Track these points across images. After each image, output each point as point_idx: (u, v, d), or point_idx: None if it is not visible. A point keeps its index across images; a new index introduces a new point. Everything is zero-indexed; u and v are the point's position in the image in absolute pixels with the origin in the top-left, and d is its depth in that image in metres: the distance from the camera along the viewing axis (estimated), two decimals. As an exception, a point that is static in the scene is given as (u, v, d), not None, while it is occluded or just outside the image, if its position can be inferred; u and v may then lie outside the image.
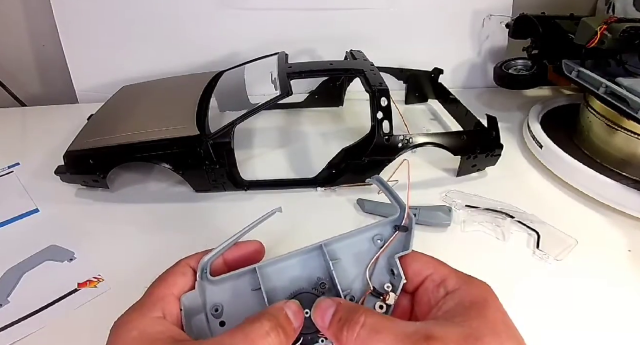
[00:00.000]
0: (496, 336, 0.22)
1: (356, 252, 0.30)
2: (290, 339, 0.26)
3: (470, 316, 0.23)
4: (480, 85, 0.82)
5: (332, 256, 0.30)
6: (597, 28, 0.52)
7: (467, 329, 0.23)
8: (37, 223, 0.49)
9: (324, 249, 0.30)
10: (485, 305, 0.24)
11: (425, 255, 0.29)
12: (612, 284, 0.41)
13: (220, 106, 0.66)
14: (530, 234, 0.46)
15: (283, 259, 0.30)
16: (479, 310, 0.24)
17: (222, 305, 0.29)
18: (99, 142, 0.51)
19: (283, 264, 0.30)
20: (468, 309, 0.24)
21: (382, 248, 0.30)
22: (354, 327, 0.24)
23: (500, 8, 0.75)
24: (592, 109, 0.56)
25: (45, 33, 0.74)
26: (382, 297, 0.28)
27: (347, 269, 0.30)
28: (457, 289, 0.26)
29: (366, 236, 0.31)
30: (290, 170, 0.58)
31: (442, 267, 0.28)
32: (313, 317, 0.27)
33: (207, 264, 0.30)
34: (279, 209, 0.33)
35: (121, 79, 0.70)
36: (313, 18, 0.74)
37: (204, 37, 0.74)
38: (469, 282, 0.26)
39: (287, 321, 0.26)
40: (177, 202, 0.52)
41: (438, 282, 0.27)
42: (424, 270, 0.28)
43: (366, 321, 0.24)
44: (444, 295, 0.26)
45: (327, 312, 0.26)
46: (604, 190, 0.49)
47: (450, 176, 0.56)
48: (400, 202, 0.31)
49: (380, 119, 0.50)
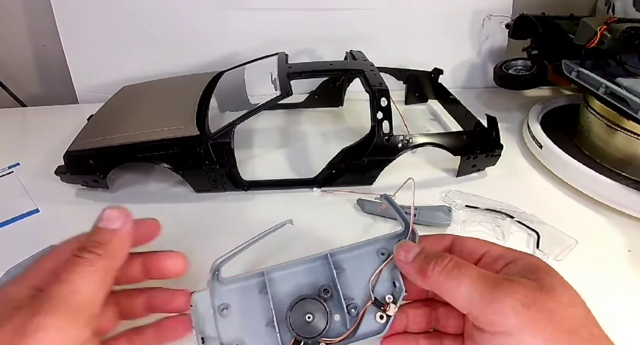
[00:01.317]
0: (567, 289, 0.25)
1: (360, 264, 0.32)
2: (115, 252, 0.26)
3: (539, 274, 0.25)
4: (480, 85, 0.82)
5: (337, 266, 0.32)
6: (597, 28, 0.52)
7: (540, 282, 0.25)
8: (37, 223, 0.49)
9: (330, 259, 0.31)
10: (547, 268, 0.26)
11: (474, 237, 0.31)
12: (612, 284, 0.41)
13: (220, 106, 0.66)
14: (530, 234, 0.46)
15: (290, 266, 0.32)
16: (545, 271, 0.26)
17: (230, 305, 0.31)
18: (99, 143, 0.51)
19: (290, 271, 0.32)
20: (535, 270, 0.26)
21: (386, 261, 0.31)
22: (443, 260, 0.26)
23: (500, 8, 0.75)
24: (592, 109, 0.56)
25: (45, 33, 0.74)
26: (383, 307, 0.29)
27: (351, 280, 0.31)
28: (517, 258, 0.27)
29: (371, 249, 0.32)
30: (290, 170, 0.58)
31: (496, 245, 0.29)
32: (395, 253, 0.29)
33: (220, 265, 0.31)
34: (290, 221, 0.35)
35: (121, 79, 0.70)
36: (313, 18, 0.74)
37: (204, 37, 0.74)
38: (526, 254, 0.28)
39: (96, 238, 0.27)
40: (177, 202, 0.52)
41: (495, 257, 0.28)
42: (479, 248, 0.29)
43: (453, 258, 0.27)
44: (503, 265, 0.27)
45: (413, 249, 0.29)
46: (604, 190, 0.49)
47: (450, 176, 0.56)
48: (405, 219, 0.32)
49: (380, 119, 0.50)
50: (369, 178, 0.53)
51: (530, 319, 0.23)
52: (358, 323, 0.29)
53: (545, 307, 0.23)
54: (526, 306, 0.23)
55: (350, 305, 0.30)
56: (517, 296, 0.24)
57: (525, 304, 0.23)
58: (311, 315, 0.29)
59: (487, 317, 0.24)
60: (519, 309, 0.23)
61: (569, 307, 0.24)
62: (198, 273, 0.41)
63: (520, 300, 0.23)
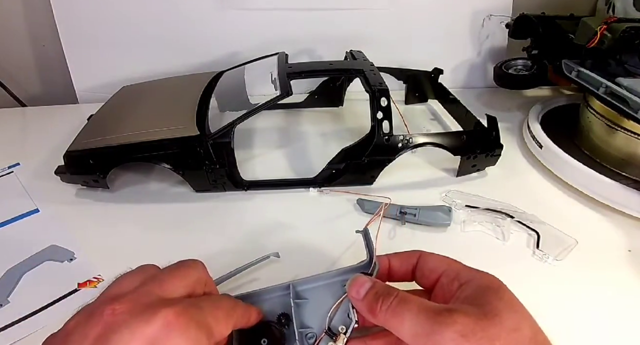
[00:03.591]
0: (513, 313, 0.25)
1: (324, 294, 0.33)
2: None
3: (487, 298, 0.25)
4: (480, 85, 0.82)
5: (300, 296, 0.33)
6: (597, 28, 0.52)
7: (486, 307, 0.25)
8: (37, 223, 0.49)
9: (292, 289, 0.33)
10: (499, 289, 0.26)
11: (438, 254, 0.31)
12: (612, 284, 0.41)
13: (220, 106, 0.66)
14: (530, 234, 0.46)
15: (255, 294, 0.33)
16: (494, 292, 0.26)
17: None
18: (99, 142, 0.51)
19: (254, 299, 0.33)
20: (484, 292, 0.26)
21: (343, 296, 0.31)
22: (389, 298, 0.27)
23: (500, 8, 0.75)
24: (592, 109, 0.56)
25: (45, 33, 0.74)
26: (335, 338, 0.30)
27: (313, 309, 0.32)
28: (470, 279, 0.28)
29: (337, 280, 0.33)
30: (290, 170, 0.58)
31: (455, 263, 0.30)
32: (348, 289, 0.29)
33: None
34: (275, 254, 0.39)
35: (121, 79, 0.70)
36: (313, 18, 0.74)
37: (204, 37, 0.74)
38: (480, 273, 0.28)
39: None
40: (177, 202, 0.52)
41: (452, 277, 0.29)
42: (438, 267, 0.30)
43: (399, 294, 0.27)
44: (457, 287, 0.28)
45: (364, 285, 0.29)
46: (604, 190, 0.49)
47: (450, 176, 0.56)
48: (371, 253, 0.32)
49: (380, 119, 0.50)
50: (369, 178, 0.53)
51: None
52: None
53: (485, 334, 0.23)
54: (465, 336, 0.23)
55: (308, 334, 0.31)
56: (456, 327, 0.23)
57: (464, 334, 0.23)
58: (266, 341, 0.31)
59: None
60: (458, 340, 0.23)
61: (513, 332, 0.24)
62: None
63: (459, 331, 0.23)
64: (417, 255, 0.32)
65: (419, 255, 0.32)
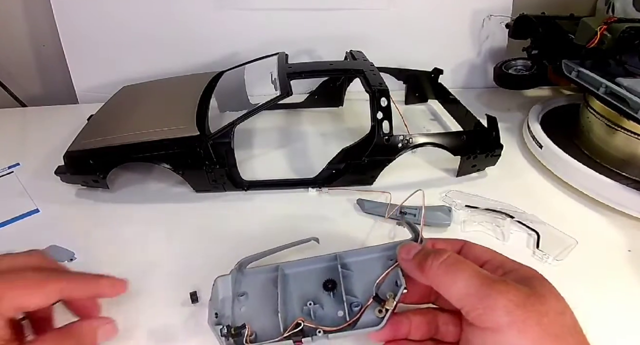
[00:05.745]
0: (558, 300, 0.26)
1: (368, 267, 0.34)
2: None
3: (533, 283, 0.26)
4: (480, 85, 0.82)
5: (346, 267, 0.35)
6: (597, 28, 0.52)
7: (533, 289, 0.26)
8: (37, 223, 0.49)
9: (338, 259, 0.35)
10: (542, 279, 0.27)
11: (482, 245, 0.32)
12: (612, 284, 0.41)
13: (220, 106, 0.66)
14: (530, 234, 0.46)
15: (302, 263, 0.36)
16: (540, 281, 0.27)
17: (247, 293, 0.35)
18: (99, 143, 0.51)
19: (301, 268, 0.36)
20: (530, 280, 0.27)
21: (393, 266, 0.32)
22: (441, 255, 0.28)
23: (500, 8, 0.75)
24: (592, 109, 0.56)
25: (45, 33, 0.74)
26: (383, 303, 0.30)
27: (357, 280, 0.34)
28: (515, 269, 0.29)
29: (382, 254, 0.34)
30: (290, 170, 0.58)
31: (499, 254, 0.31)
32: (398, 252, 0.31)
33: (244, 261, 0.37)
34: (316, 239, 0.40)
35: (121, 79, 0.70)
36: (313, 18, 0.74)
37: (204, 37, 0.74)
38: (524, 266, 0.29)
39: None
40: (177, 202, 0.52)
41: (496, 265, 0.29)
42: (483, 256, 0.31)
43: (452, 254, 0.28)
44: (502, 275, 0.28)
45: (413, 248, 0.30)
46: (604, 190, 0.49)
47: (450, 176, 0.56)
48: (416, 230, 0.34)
49: (380, 119, 0.50)
50: (369, 178, 0.53)
51: (520, 317, 0.24)
52: (358, 316, 0.31)
53: (535, 308, 0.24)
54: (517, 305, 0.24)
55: (353, 303, 0.32)
56: (509, 296, 0.25)
57: (517, 303, 0.24)
58: (314, 304, 0.32)
59: (478, 311, 0.25)
60: (511, 307, 0.24)
61: (559, 314, 0.25)
62: (199, 271, 0.42)
63: (513, 300, 0.24)
64: (461, 244, 0.32)
65: (463, 244, 0.32)
